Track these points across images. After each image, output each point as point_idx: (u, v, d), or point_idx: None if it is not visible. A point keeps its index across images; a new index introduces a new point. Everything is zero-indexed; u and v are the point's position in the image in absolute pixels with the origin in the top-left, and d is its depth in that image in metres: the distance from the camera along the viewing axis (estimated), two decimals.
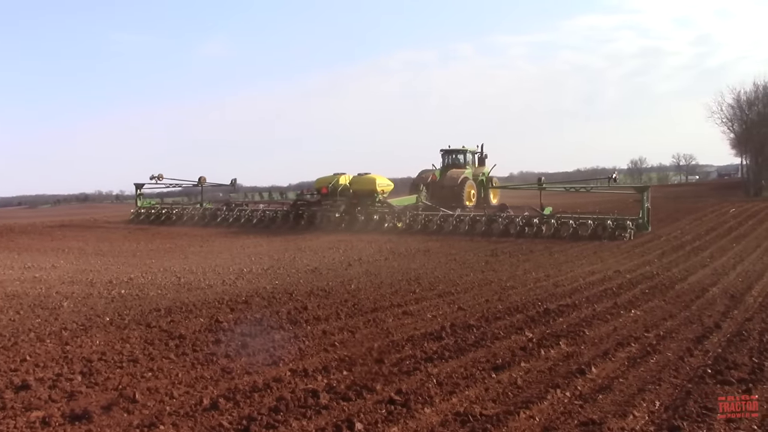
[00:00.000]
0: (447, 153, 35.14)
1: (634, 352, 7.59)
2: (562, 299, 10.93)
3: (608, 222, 22.61)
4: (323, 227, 26.33)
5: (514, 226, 23.64)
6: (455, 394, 6.08)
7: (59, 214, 51.72)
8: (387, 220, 26.12)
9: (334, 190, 28.21)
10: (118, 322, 9.35)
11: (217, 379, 6.61)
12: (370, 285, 12.58)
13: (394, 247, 20.00)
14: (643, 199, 23.36)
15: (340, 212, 27.05)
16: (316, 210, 27.97)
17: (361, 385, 6.30)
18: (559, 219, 23.61)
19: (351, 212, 26.95)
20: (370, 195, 27.24)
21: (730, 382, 6.38)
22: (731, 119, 64.96)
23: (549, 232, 23.03)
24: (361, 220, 26.28)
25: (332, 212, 27.15)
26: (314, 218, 27.31)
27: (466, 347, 7.80)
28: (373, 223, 26.03)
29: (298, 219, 27.71)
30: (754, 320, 9.25)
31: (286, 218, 28.14)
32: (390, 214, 26.41)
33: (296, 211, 28.39)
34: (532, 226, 23.43)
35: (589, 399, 5.95)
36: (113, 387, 6.34)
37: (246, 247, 20.20)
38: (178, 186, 36.17)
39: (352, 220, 26.44)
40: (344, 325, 9.07)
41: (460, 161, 34.62)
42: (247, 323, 9.24)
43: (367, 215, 26.48)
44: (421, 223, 25.48)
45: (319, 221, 26.97)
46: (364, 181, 27.87)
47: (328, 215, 27.07)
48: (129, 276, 13.95)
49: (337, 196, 28.08)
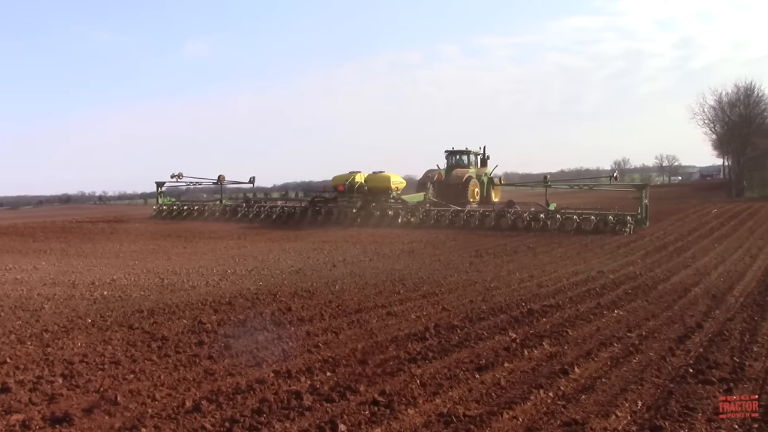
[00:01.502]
0: (451, 154, 36.49)
1: (617, 352, 7.63)
2: (545, 299, 10.97)
3: (609, 217, 24.41)
4: (340, 222, 28.10)
5: (521, 221, 25.34)
6: (439, 394, 6.09)
7: (44, 215, 51.19)
8: (401, 215, 27.82)
9: (350, 188, 29.81)
10: (100, 324, 9.27)
11: (200, 381, 6.57)
12: (355, 286, 12.57)
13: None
14: (642, 196, 25.12)
15: (357, 208, 28.81)
16: (333, 206, 29.73)
17: (345, 386, 6.28)
18: (564, 214, 25.30)
19: (366, 208, 28.64)
20: (385, 192, 29.17)
21: (711, 382, 6.43)
22: (713, 120, 65.71)
23: (554, 226, 24.51)
24: (377, 215, 27.92)
25: (349, 208, 28.97)
26: (331, 214, 29.11)
27: (449, 348, 7.81)
28: (387, 219, 27.65)
29: (316, 215, 29.46)
30: (736, 320, 9.33)
31: (303, 214, 29.95)
32: (404, 209, 28.16)
33: (314, 208, 30.14)
34: (539, 221, 25.10)
35: (572, 399, 5.97)
36: (95, 389, 6.28)
37: (230, 248, 20.11)
38: (198, 184, 37.96)
39: (368, 215, 28.11)
40: (328, 326, 9.05)
41: (463, 162, 36.00)
42: (230, 324, 9.20)
43: (382, 211, 28.12)
44: (433, 219, 27.10)
45: (336, 217, 28.78)
46: (379, 179, 29.86)
47: (345, 211, 28.85)
48: (112, 277, 13.84)
49: (354, 193, 29.72)
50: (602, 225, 24.13)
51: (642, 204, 24.99)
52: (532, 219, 25.40)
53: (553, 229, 24.31)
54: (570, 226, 24.41)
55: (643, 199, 25.07)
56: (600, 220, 24.46)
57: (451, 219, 26.79)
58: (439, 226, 26.25)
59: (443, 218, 26.98)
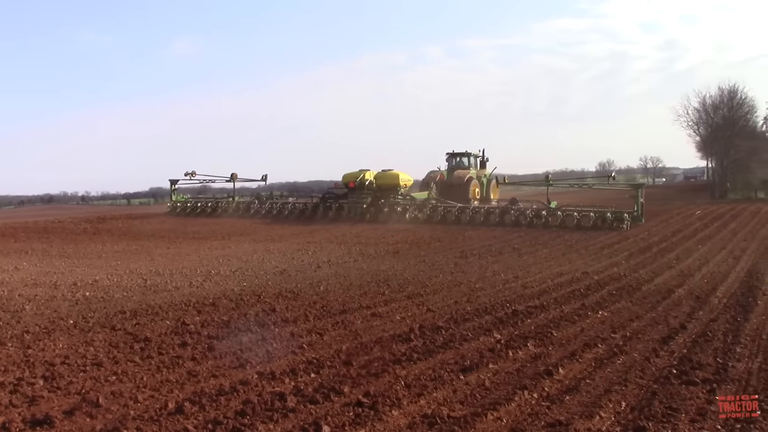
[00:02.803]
0: (452, 156, 37.72)
1: (601, 353, 7.68)
2: (530, 300, 11.01)
3: (608, 214, 26.30)
4: (351, 218, 29.88)
5: (524, 217, 27.04)
6: (423, 396, 6.09)
7: (25, 216, 50.72)
8: (409, 211, 29.50)
9: (361, 185, 31.52)
10: (82, 325, 9.20)
11: (183, 383, 6.53)
12: (339, 287, 12.55)
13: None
14: (638, 195, 27.18)
15: (367, 204, 30.45)
16: (343, 203, 31.37)
17: (329, 387, 6.28)
18: (564, 211, 27.10)
19: (375, 204, 30.39)
20: (394, 189, 31.17)
21: (695, 383, 6.48)
22: (697, 123, 66.16)
23: (555, 222, 26.22)
24: (385, 211, 29.64)
25: (360, 204, 30.53)
26: (342, 210, 30.79)
27: (434, 349, 7.81)
28: (396, 215, 29.37)
29: (327, 210, 31.22)
30: (719, 321, 9.41)
31: (315, 210, 31.62)
32: (411, 206, 29.94)
33: (325, 204, 31.88)
34: (541, 217, 26.86)
35: (556, 400, 6.00)
36: (76, 391, 6.24)
37: (214, 249, 20.04)
38: (210, 181, 38.67)
39: (377, 211, 29.84)
40: (312, 327, 9.03)
41: (464, 163, 37.20)
42: (214, 326, 9.15)
43: (391, 207, 29.89)
44: (440, 215, 28.75)
45: (347, 213, 30.51)
46: (389, 176, 31.81)
47: (356, 207, 30.50)
48: (94, 278, 13.74)
49: (364, 190, 31.38)
50: (600, 222, 25.84)
51: (638, 202, 26.86)
52: (535, 216, 27.01)
53: (554, 226, 25.85)
54: (570, 222, 26.01)
55: (639, 198, 26.97)
56: (598, 217, 26.17)
57: (457, 215, 28.36)
58: (446, 222, 27.92)
59: (449, 214, 28.54)
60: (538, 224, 26.35)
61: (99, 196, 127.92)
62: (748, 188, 58.36)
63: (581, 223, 25.85)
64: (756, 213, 32.49)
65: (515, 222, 26.86)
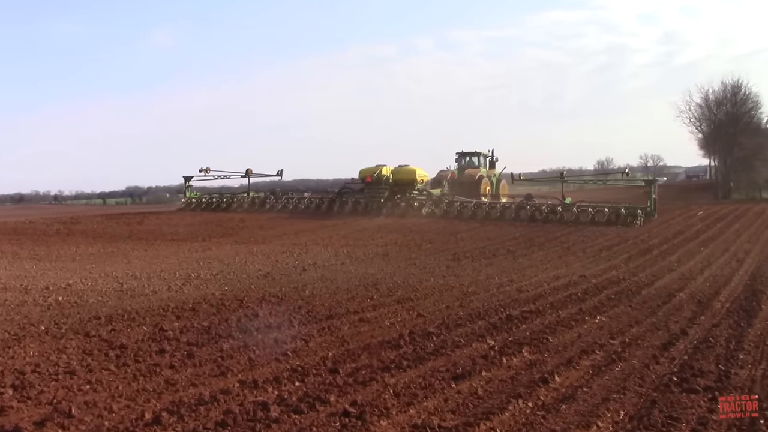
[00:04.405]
0: (462, 155, 39.25)
1: (599, 359, 7.71)
2: (525, 305, 11.04)
3: (621, 210, 28.16)
4: (369, 212, 31.31)
5: (539, 213, 29.04)
6: (413, 405, 6.09)
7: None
8: (427, 206, 31.34)
9: (378, 180, 33.21)
10: (55, 332, 9.14)
11: (161, 392, 6.51)
12: (326, 291, 12.55)
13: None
14: (651, 191, 29.41)
15: (384, 198, 32.08)
16: (360, 197, 33.16)
17: (314, 396, 6.27)
18: (579, 207, 28.94)
19: (392, 199, 32.08)
20: (410, 184, 33.10)
21: (696, 391, 6.52)
22: (699, 119, 66.45)
23: (571, 218, 28.03)
24: (402, 206, 31.36)
25: (378, 198, 32.12)
26: (359, 204, 32.45)
27: (425, 356, 7.82)
28: (413, 210, 31.08)
29: (343, 205, 32.87)
30: (722, 326, 9.48)
31: (331, 205, 33.17)
32: (428, 200, 31.82)
33: (341, 199, 33.54)
34: (556, 213, 28.72)
35: (552, 409, 6.01)
36: (47, 401, 6.19)
37: (194, 251, 20.00)
38: (225, 177, 40.51)
39: (393, 206, 31.45)
40: (297, 333, 9.02)
41: (474, 163, 38.89)
42: (193, 332, 9.12)
43: (407, 202, 31.65)
44: (457, 210, 30.68)
45: (363, 207, 32.06)
46: (406, 171, 33.71)
47: (373, 202, 32.04)
48: (67, 282, 13.66)
49: (381, 185, 33.10)
50: (614, 217, 27.72)
51: (651, 198, 29.10)
52: (550, 211, 28.96)
53: (570, 221, 27.71)
54: (585, 218, 27.90)
55: (651, 194, 29.21)
56: (612, 212, 28.03)
57: (473, 210, 30.36)
58: (462, 217, 29.84)
59: (466, 209, 30.53)
60: (553, 219, 28.21)
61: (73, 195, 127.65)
62: (753, 188, 58.83)
63: (595, 219, 27.63)
64: (761, 213, 32.70)
65: (531, 217, 28.76)
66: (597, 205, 29.37)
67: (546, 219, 28.43)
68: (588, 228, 26.03)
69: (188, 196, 38.58)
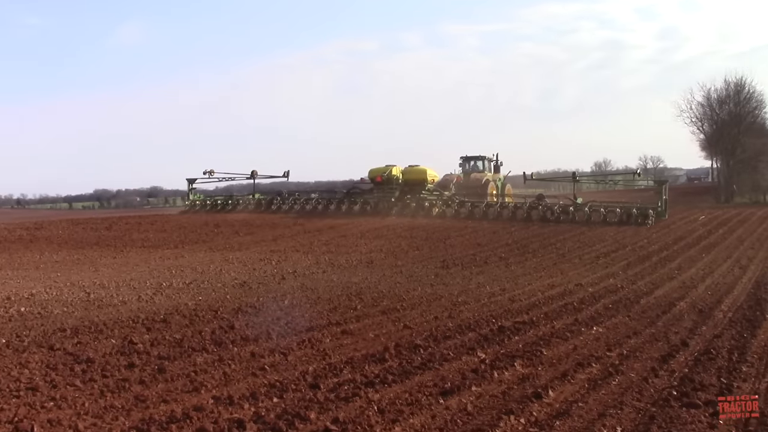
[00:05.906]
0: (467, 159, 41.45)
1: (595, 373, 7.72)
2: (518, 315, 11.06)
3: (633, 210, 30.16)
4: (379, 212, 33.04)
5: (551, 213, 30.86)
6: (398, 422, 6.08)
7: None
8: (438, 206, 33.66)
9: (388, 180, 34.94)
10: (16, 345, 9.06)
11: (130, 409, 6.46)
12: (306, 301, 12.53)
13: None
14: (662, 191, 31.88)
15: (395, 198, 34.03)
16: (369, 197, 35.07)
17: (294, 413, 6.24)
18: (591, 207, 30.88)
19: (402, 199, 34.10)
20: (421, 184, 35.13)
21: (696, 405, 6.54)
22: (701, 119, 66.58)
23: (582, 218, 29.86)
24: (413, 206, 33.32)
25: (388, 198, 34.07)
26: (368, 204, 34.28)
27: (411, 370, 7.81)
28: (423, 209, 33.07)
29: (352, 206, 34.75)
30: (724, 337, 9.52)
31: (339, 205, 35.13)
32: (439, 201, 34.13)
33: (350, 199, 35.62)
34: (568, 213, 30.56)
35: (545, 426, 6.02)
36: (8, 420, 6.13)
37: (166, 258, 19.89)
38: (231, 179, 42.45)
39: (404, 206, 33.48)
40: (275, 346, 8.99)
41: (478, 167, 40.90)
42: (165, 344, 9.07)
43: (418, 202, 33.67)
44: (468, 210, 32.75)
45: (373, 207, 33.85)
46: (416, 171, 35.67)
47: (384, 201, 33.88)
48: (30, 291, 13.55)
49: (392, 185, 34.91)
50: (626, 217, 29.68)
51: (662, 198, 31.34)
52: (562, 211, 30.80)
53: (582, 221, 29.46)
54: (597, 218, 29.87)
55: (662, 194, 31.53)
56: (624, 212, 30.01)
57: (484, 211, 32.35)
58: (473, 218, 31.73)
59: (477, 210, 32.61)
60: (565, 220, 30.02)
61: (37, 199, 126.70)
62: (757, 191, 59.05)
63: (607, 219, 29.61)
64: (765, 218, 33.04)
65: (542, 217, 30.62)
66: (609, 205, 31.29)
67: (558, 219, 30.17)
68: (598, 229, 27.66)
69: (192, 199, 40.10)
